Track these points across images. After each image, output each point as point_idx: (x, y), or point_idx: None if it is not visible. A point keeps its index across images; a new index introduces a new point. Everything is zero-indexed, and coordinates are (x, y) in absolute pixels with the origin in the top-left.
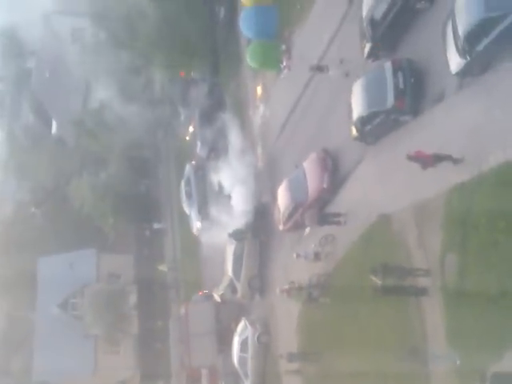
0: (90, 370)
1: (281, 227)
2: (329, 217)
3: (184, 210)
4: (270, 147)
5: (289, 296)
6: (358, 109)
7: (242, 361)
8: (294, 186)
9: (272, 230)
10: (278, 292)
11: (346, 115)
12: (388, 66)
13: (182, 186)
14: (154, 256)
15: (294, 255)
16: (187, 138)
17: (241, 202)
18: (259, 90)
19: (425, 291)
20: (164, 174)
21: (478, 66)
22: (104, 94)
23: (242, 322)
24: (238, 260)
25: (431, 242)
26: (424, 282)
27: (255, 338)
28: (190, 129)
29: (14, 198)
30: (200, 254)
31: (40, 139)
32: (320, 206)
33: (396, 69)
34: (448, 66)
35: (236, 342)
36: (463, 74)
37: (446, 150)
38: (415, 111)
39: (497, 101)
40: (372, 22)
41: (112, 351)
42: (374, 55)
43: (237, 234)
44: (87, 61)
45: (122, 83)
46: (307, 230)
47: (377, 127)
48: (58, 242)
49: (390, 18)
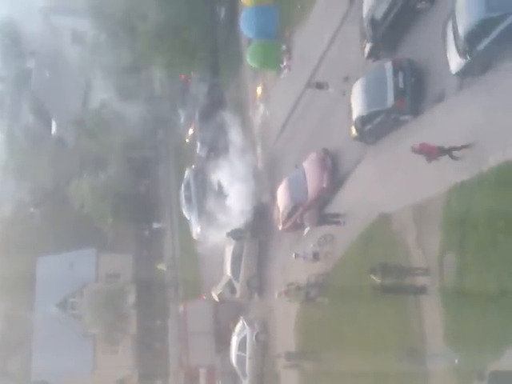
0: (88, 369)
1: (280, 227)
2: (328, 217)
3: (184, 214)
4: (269, 147)
5: (287, 296)
6: (358, 108)
7: (240, 360)
8: (294, 186)
9: (271, 230)
10: (276, 296)
11: (346, 115)
12: (388, 65)
13: (182, 190)
14: (153, 256)
15: (293, 255)
16: (187, 141)
17: (240, 202)
18: (259, 89)
19: (424, 290)
20: (164, 173)
21: (478, 66)
22: (104, 94)
23: (241, 322)
24: (236, 260)
25: (430, 242)
26: (423, 281)
27: (253, 338)
28: (190, 131)
29: (13, 198)
30: (199, 255)
31: (40, 139)
32: (319, 206)
33: (396, 69)
34: (448, 66)
35: (234, 341)
36: (463, 73)
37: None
38: (415, 111)
39: (497, 101)
40: (373, 22)
41: (111, 351)
42: (374, 55)
43: (235, 233)
44: (87, 61)
45: (121, 83)
46: (306, 229)
47: (377, 127)
48: (58, 241)
49: (390, 18)
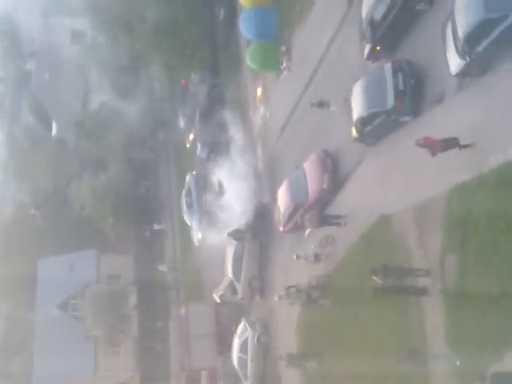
0: (90, 371)
1: (281, 228)
2: (329, 218)
3: (185, 219)
4: (270, 148)
5: (288, 299)
6: (358, 109)
7: (242, 362)
8: (295, 187)
9: (272, 231)
10: (276, 299)
11: (346, 116)
12: (388, 67)
13: (183, 196)
14: (154, 257)
15: (294, 257)
16: (188, 146)
17: (240, 203)
18: (259, 91)
19: (425, 291)
20: (164, 174)
21: (477, 67)
22: (104, 95)
23: (242, 323)
24: (238, 261)
25: (431, 243)
26: (424, 283)
27: (255, 339)
28: (191, 137)
29: (14, 200)
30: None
31: (40, 141)
32: (320, 207)
33: (396, 70)
34: (448, 67)
35: (236, 343)
36: (463, 74)
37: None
38: (415, 112)
39: (497, 102)
40: (372, 23)
41: (112, 352)
42: (373, 56)
43: (236, 234)
44: (87, 62)
45: (121, 84)
46: (307, 231)
47: (377, 128)
48: (58, 243)
49: (389, 19)
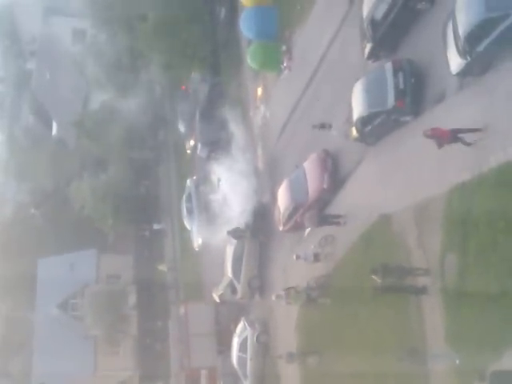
0: (89, 370)
1: (281, 228)
2: (329, 218)
3: (185, 224)
4: (270, 147)
5: (287, 299)
6: (358, 109)
7: (242, 361)
8: (294, 187)
9: (272, 231)
10: (273, 298)
11: (346, 115)
12: (388, 66)
13: (183, 201)
14: (153, 256)
15: (294, 256)
16: (188, 152)
17: (240, 202)
18: (260, 90)
19: (424, 290)
20: (164, 174)
21: (478, 67)
22: (104, 95)
23: (242, 323)
24: (237, 260)
25: (431, 242)
26: (424, 282)
27: (254, 339)
28: (191, 142)
29: (14, 199)
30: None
31: (40, 140)
32: (320, 207)
33: (396, 69)
34: (448, 67)
35: (235, 342)
36: (463, 74)
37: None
38: (416, 111)
39: (497, 101)
40: (373, 22)
41: (111, 352)
42: (374, 56)
43: (236, 232)
44: (87, 62)
45: (122, 84)
46: (307, 230)
47: (377, 127)
48: (58, 242)
49: (390, 19)
